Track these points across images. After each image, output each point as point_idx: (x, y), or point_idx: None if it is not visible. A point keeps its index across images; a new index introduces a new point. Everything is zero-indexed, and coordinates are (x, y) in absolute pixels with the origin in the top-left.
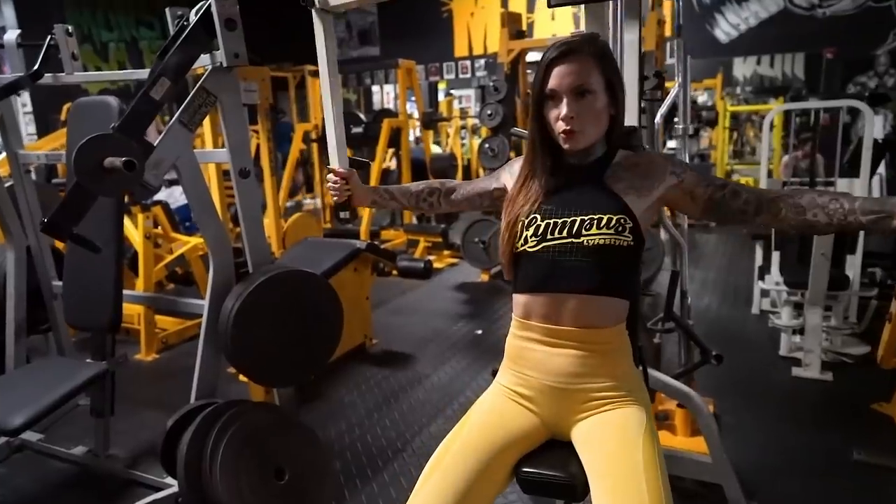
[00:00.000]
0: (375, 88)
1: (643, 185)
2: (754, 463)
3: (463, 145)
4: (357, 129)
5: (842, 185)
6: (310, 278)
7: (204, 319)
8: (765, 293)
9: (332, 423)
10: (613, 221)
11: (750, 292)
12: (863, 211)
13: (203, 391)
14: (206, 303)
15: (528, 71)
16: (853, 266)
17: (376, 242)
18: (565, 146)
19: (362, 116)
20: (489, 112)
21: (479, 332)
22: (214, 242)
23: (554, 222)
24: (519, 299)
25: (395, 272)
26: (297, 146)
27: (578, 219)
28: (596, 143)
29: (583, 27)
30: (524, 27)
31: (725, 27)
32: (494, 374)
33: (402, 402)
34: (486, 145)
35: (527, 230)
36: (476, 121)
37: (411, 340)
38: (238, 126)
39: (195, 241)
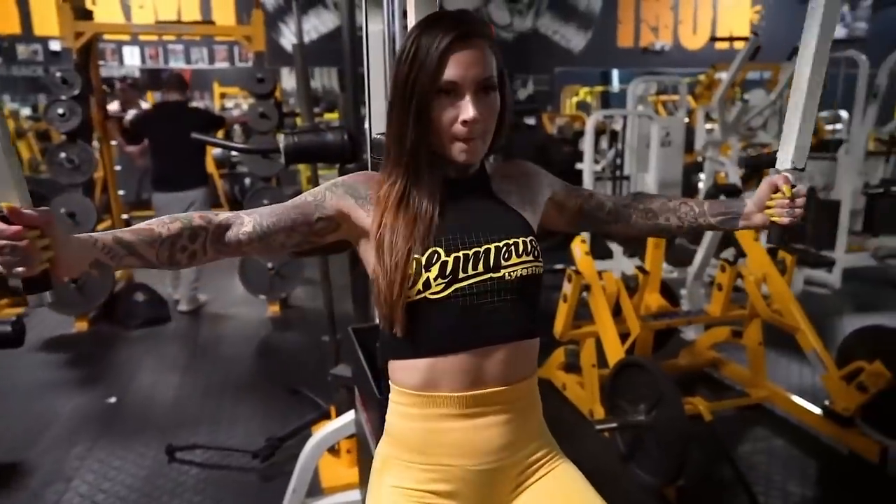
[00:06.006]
0: None
1: (532, 199)
2: None
3: None
4: None
5: None
6: None
7: None
8: None
9: None
10: (529, 246)
11: None
12: (712, 213)
13: None
14: None
15: (101, 63)
16: None
17: None
18: (461, 158)
19: None
20: (61, 111)
21: (113, 399)
22: None
23: (464, 255)
24: (416, 365)
25: None
26: None
27: (493, 247)
28: None
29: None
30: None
31: (290, 37)
32: (170, 452)
33: None
34: (63, 154)
35: (427, 270)
36: None
37: (8, 440)
38: None
39: None
